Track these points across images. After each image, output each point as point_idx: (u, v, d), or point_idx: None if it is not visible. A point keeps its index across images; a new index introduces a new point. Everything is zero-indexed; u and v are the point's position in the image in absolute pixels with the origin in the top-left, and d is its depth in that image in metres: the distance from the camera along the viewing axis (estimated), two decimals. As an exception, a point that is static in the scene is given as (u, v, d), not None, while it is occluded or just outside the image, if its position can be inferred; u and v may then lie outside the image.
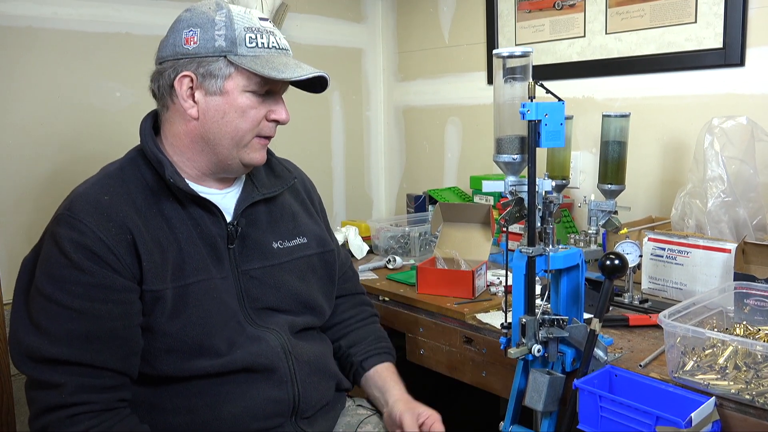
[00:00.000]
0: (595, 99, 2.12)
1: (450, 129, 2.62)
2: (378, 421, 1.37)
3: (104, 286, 1.07)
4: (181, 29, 1.15)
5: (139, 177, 1.17)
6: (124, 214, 1.11)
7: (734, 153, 1.60)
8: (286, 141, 2.49)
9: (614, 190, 1.57)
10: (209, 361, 1.15)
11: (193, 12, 1.16)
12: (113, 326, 1.07)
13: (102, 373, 1.07)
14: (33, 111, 1.95)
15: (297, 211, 1.35)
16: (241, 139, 1.17)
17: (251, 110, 1.16)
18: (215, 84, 1.13)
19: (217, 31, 1.12)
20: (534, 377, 1.13)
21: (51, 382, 1.05)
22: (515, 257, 1.16)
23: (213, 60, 1.12)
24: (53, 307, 1.05)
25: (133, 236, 1.10)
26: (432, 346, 1.57)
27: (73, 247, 1.06)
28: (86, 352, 1.06)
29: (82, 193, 1.13)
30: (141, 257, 1.10)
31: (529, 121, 1.13)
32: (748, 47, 1.77)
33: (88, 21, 2.03)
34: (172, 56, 1.15)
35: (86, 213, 1.08)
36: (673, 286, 1.55)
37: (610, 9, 2.03)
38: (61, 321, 1.05)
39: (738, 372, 1.08)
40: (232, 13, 1.14)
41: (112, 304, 1.07)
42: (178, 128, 1.18)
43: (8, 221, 1.93)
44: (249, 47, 1.13)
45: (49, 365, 1.05)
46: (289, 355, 1.22)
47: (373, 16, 2.82)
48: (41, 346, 1.05)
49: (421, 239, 2.08)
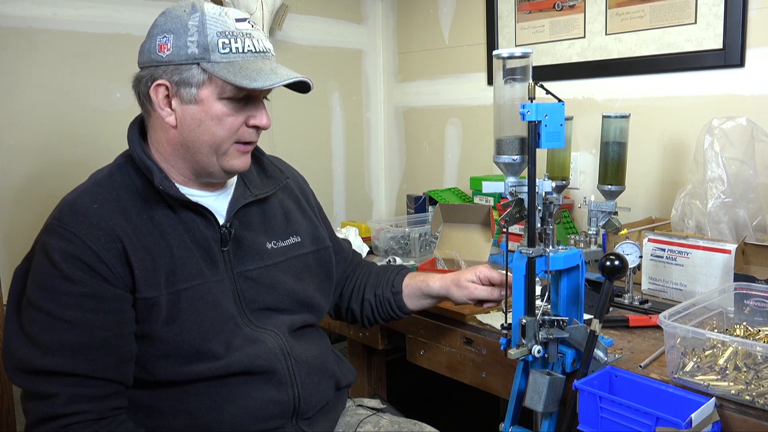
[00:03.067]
0: (595, 100, 2.12)
1: (450, 130, 2.62)
2: (377, 420, 1.37)
3: (95, 296, 1.06)
4: (155, 35, 1.12)
5: (129, 183, 1.16)
6: (113, 222, 1.09)
7: (734, 154, 1.60)
8: (286, 141, 2.50)
9: (614, 190, 1.57)
10: (207, 364, 1.14)
11: (167, 16, 1.12)
12: (106, 336, 1.07)
13: (95, 383, 1.07)
14: (33, 111, 1.95)
15: (290, 210, 1.34)
16: (219, 146, 1.13)
17: (228, 117, 1.12)
18: (190, 92, 1.10)
19: (190, 38, 1.08)
20: (534, 378, 1.13)
21: (44, 393, 1.04)
22: (515, 258, 1.16)
23: (186, 68, 1.09)
24: (45, 318, 1.05)
25: (123, 244, 1.08)
26: (432, 346, 1.57)
27: (63, 258, 1.05)
28: (79, 363, 1.05)
29: (71, 201, 1.11)
30: (132, 265, 1.08)
31: (529, 122, 1.13)
32: (748, 48, 1.77)
33: (89, 22, 2.03)
34: (148, 63, 1.13)
35: (75, 222, 1.07)
36: (673, 286, 1.55)
37: (610, 10, 2.03)
38: (53, 332, 1.04)
39: (738, 373, 1.08)
40: (206, 16, 1.09)
41: (104, 314, 1.06)
42: (160, 136, 1.16)
43: (9, 221, 1.94)
44: (222, 53, 1.09)
45: (42, 376, 1.04)
46: (288, 356, 1.21)
47: (374, 17, 2.83)
48: (33, 358, 1.04)
49: (421, 240, 2.08)
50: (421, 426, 1.40)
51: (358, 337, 1.79)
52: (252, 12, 2.16)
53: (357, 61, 2.80)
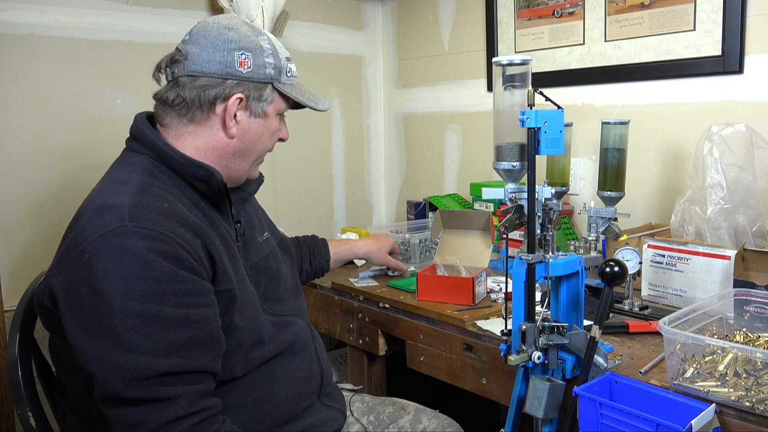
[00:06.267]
0: (595, 106, 2.13)
1: (450, 136, 2.63)
2: (362, 398, 1.54)
3: (195, 292, 1.07)
4: (231, 50, 1.16)
5: (169, 184, 1.16)
6: (189, 218, 1.11)
7: (733, 160, 1.60)
8: (287, 148, 2.50)
9: (614, 196, 1.58)
10: (261, 350, 1.21)
11: (237, 32, 1.17)
12: (210, 329, 1.08)
13: (209, 377, 1.08)
14: (35, 118, 1.96)
15: (256, 207, 1.46)
16: (260, 156, 1.27)
17: (278, 132, 1.27)
18: (261, 107, 1.21)
19: (267, 59, 1.20)
20: (534, 384, 1.13)
21: (165, 396, 1.01)
22: (515, 264, 1.16)
23: (263, 86, 1.20)
24: (150, 322, 1.00)
25: (203, 239, 1.11)
26: (432, 353, 1.57)
27: (158, 257, 1.02)
28: (193, 359, 1.04)
29: (137, 203, 1.07)
30: (214, 259, 1.13)
31: (529, 129, 1.13)
32: (747, 55, 1.77)
33: (90, 29, 2.04)
34: (220, 75, 1.16)
35: (156, 222, 1.04)
36: (673, 292, 1.55)
37: (609, 17, 2.04)
38: (160, 333, 1.01)
39: (738, 379, 1.08)
40: (272, 40, 1.23)
41: (205, 308, 1.08)
42: (204, 142, 1.19)
43: (10, 227, 1.94)
44: (288, 76, 1.24)
45: (160, 379, 1.01)
46: (313, 335, 1.37)
47: (374, 24, 2.84)
48: (143, 364, 0.99)
49: (422, 246, 2.08)
50: (396, 400, 1.55)
51: (358, 344, 1.80)
52: (253, 19, 2.17)
53: (357, 67, 2.81)
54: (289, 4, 2.33)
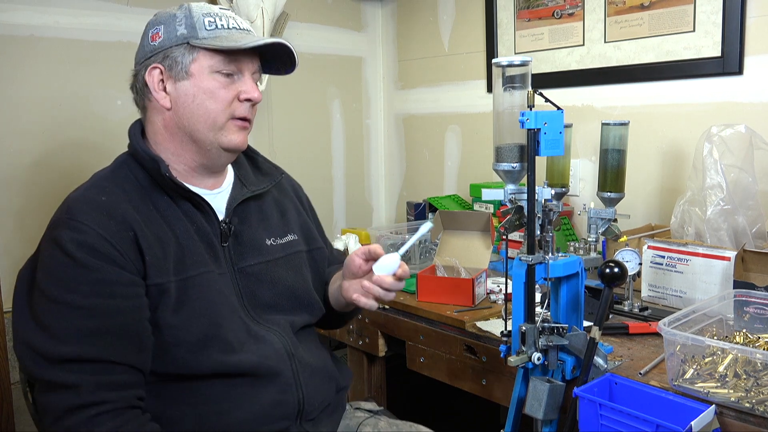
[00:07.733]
0: (595, 107, 2.13)
1: (450, 137, 2.63)
2: (376, 423, 1.38)
3: (111, 282, 1.07)
4: (147, 31, 1.21)
5: (132, 177, 1.19)
6: (123, 211, 1.12)
7: (733, 161, 1.60)
8: (286, 148, 2.51)
9: (614, 197, 1.57)
10: (217, 356, 1.14)
11: (157, 15, 1.22)
12: (124, 321, 1.07)
13: (117, 369, 1.06)
14: (34, 118, 1.96)
15: (286, 208, 1.37)
16: (214, 121, 1.18)
17: (220, 91, 1.17)
18: (181, 69, 1.16)
19: (178, 23, 1.17)
20: (534, 385, 1.13)
21: (67, 383, 1.03)
22: (515, 265, 1.16)
23: (176, 48, 1.17)
24: (61, 308, 1.05)
25: (134, 232, 1.11)
26: (432, 354, 1.57)
27: (77, 247, 1.06)
28: (98, 348, 1.05)
29: (78, 197, 1.14)
30: (143, 252, 1.11)
31: (529, 130, 1.13)
32: (747, 56, 1.77)
33: (90, 30, 2.04)
34: (142, 57, 1.20)
35: (85, 213, 1.09)
36: (673, 293, 1.55)
37: (609, 18, 2.04)
38: (71, 320, 1.04)
39: (738, 380, 1.08)
40: (191, 5, 1.20)
41: (121, 299, 1.08)
42: (157, 124, 1.20)
43: (9, 227, 1.94)
44: (209, 30, 1.17)
45: (63, 365, 1.03)
46: (293, 357, 1.23)
47: (374, 25, 2.84)
48: (52, 347, 1.04)
49: (421, 247, 2.08)
50: (418, 428, 1.41)
51: (358, 345, 1.79)
52: (253, 20, 2.17)
53: (357, 68, 2.81)
54: (289, 5, 2.33)
